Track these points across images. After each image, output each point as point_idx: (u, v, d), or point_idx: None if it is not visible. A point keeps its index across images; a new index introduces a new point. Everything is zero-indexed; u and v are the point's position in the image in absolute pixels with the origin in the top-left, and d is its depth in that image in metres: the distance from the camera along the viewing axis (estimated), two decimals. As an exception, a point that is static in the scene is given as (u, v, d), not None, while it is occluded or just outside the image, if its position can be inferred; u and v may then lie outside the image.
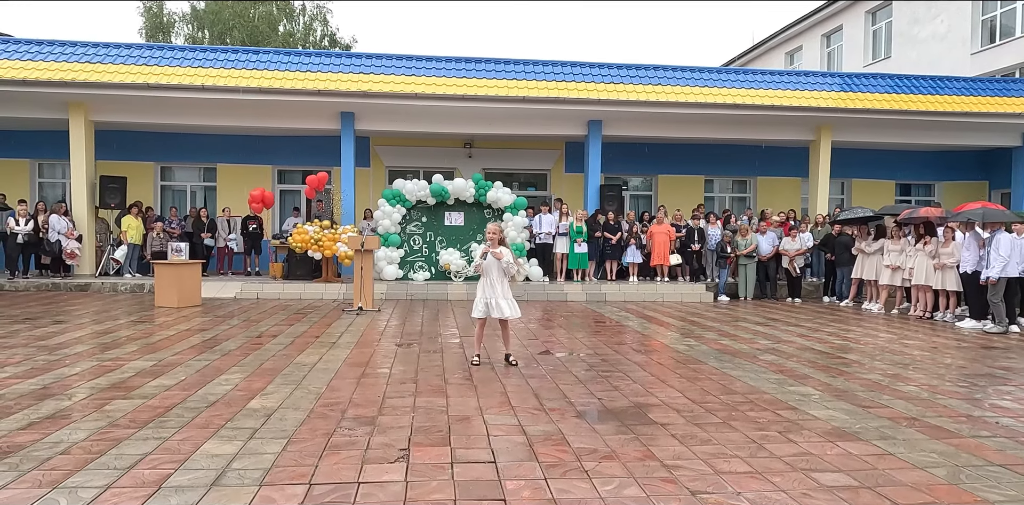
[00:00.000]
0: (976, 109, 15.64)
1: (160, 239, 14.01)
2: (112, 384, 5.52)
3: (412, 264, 14.26)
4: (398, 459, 3.83)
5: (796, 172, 17.55)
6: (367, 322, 9.56)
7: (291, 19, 33.55)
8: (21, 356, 6.62)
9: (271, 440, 4.13)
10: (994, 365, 7.05)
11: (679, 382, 5.95)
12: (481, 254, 6.52)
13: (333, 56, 16.03)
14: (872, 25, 23.92)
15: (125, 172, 15.35)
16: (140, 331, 8.35)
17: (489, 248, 6.51)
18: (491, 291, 6.53)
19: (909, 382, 6.11)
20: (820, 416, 4.88)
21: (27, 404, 4.87)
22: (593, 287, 13.56)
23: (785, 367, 6.73)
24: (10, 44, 14.78)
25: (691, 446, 4.15)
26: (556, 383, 5.83)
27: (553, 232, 14.15)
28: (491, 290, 6.53)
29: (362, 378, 5.91)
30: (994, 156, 17.90)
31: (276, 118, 14.98)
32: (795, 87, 16.08)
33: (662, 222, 14.26)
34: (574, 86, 15.11)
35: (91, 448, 3.94)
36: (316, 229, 13.46)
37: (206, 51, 15.35)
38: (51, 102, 14.12)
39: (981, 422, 4.81)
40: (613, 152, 16.37)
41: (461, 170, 16.92)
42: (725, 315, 11.18)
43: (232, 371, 6.11)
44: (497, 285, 6.53)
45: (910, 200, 18.66)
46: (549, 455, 3.93)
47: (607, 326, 9.60)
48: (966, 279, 10.11)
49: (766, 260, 13.78)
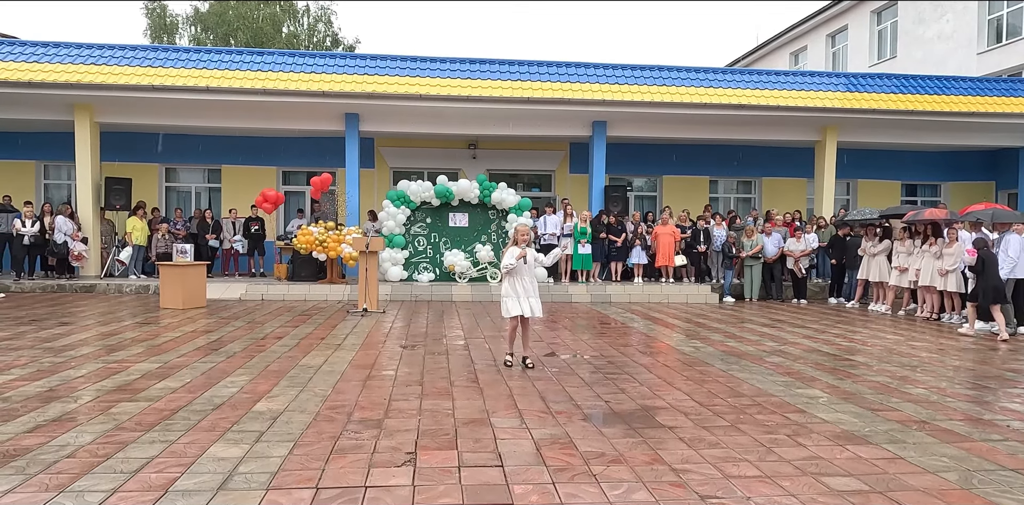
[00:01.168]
0: (982, 109, 15.56)
1: (165, 240, 14.02)
2: (118, 386, 5.51)
3: (416, 265, 14.25)
4: (405, 463, 3.81)
5: (801, 173, 17.49)
6: (372, 323, 9.55)
7: (295, 20, 33.57)
8: (27, 358, 6.62)
9: (277, 443, 4.12)
10: (1003, 367, 7.01)
11: (686, 384, 5.92)
12: (518, 256, 6.43)
13: (337, 57, 16.03)
14: (877, 25, 23.85)
15: (130, 173, 15.36)
16: (145, 333, 8.35)
17: (524, 249, 6.48)
18: (523, 290, 6.53)
19: (918, 384, 6.07)
20: (829, 419, 4.85)
21: (33, 407, 4.86)
22: (598, 288, 13.52)
23: (792, 369, 6.70)
24: (16, 46, 14.81)
25: (699, 450, 4.12)
26: (562, 385, 5.80)
27: (558, 233, 14.13)
28: (522, 289, 6.53)
29: (368, 380, 5.89)
30: (1001, 156, 17.82)
31: (281, 119, 14.99)
32: (800, 87, 16.02)
33: (667, 223, 14.22)
34: (578, 87, 15.08)
35: (97, 451, 3.93)
36: (321, 230, 13.46)
37: (211, 52, 15.37)
38: (56, 104, 14.14)
39: (991, 425, 4.78)
40: (618, 153, 16.34)
41: (465, 171, 16.90)
42: (730, 316, 11.15)
43: (238, 373, 6.10)
44: (528, 285, 6.55)
45: (916, 201, 18.58)
46: (557, 459, 3.91)
47: (612, 327, 9.57)
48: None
49: (771, 261, 13.73)
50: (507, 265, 6.47)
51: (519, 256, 6.43)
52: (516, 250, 6.48)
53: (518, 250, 6.48)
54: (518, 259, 6.43)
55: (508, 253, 6.52)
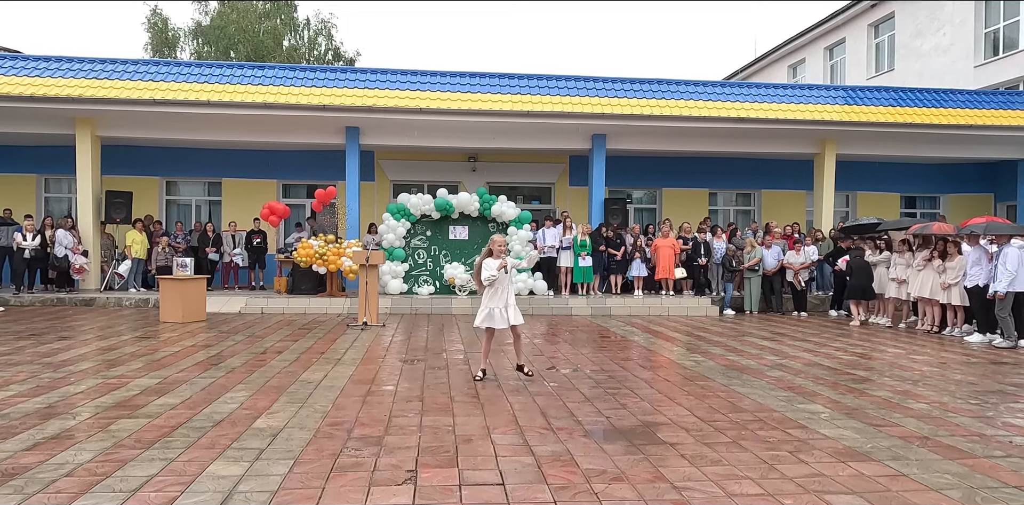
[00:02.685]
0: (980, 122, 15.63)
1: (165, 254, 14.03)
2: (117, 402, 5.50)
3: (417, 278, 14.25)
4: (405, 481, 3.79)
5: (801, 185, 17.53)
6: (372, 337, 9.53)
7: (295, 33, 33.72)
8: (26, 373, 6.60)
9: (277, 461, 4.10)
10: (1004, 381, 6.99)
11: (687, 399, 5.90)
12: (499, 267, 6.37)
13: (338, 71, 16.12)
14: (875, 38, 23.98)
15: (131, 187, 15.40)
16: (145, 347, 8.33)
17: (503, 260, 6.41)
18: (499, 300, 6.44)
19: (919, 399, 6.05)
20: (831, 435, 4.83)
21: (32, 424, 4.84)
22: (598, 301, 13.51)
23: (793, 384, 6.68)
24: (18, 60, 14.90)
25: (701, 467, 4.10)
26: (563, 401, 5.79)
27: (557, 246, 14.14)
28: (499, 299, 6.44)
29: (368, 396, 5.87)
30: (999, 169, 17.87)
31: (281, 133, 15.04)
32: (798, 100, 16.10)
33: (667, 235, 14.24)
34: (578, 100, 15.16)
35: (96, 470, 3.91)
36: (321, 243, 13.47)
37: (212, 66, 15.45)
38: (58, 118, 14.19)
39: (994, 441, 4.76)
40: (617, 165, 16.39)
41: (465, 184, 16.94)
42: (731, 329, 11.13)
43: (237, 389, 6.08)
44: (505, 294, 6.47)
45: (915, 213, 18.62)
46: (558, 476, 3.89)
47: (613, 341, 9.56)
48: (974, 293, 10.06)
49: (771, 274, 13.73)
50: (489, 277, 6.38)
51: (500, 267, 6.37)
52: (494, 261, 6.41)
53: (496, 261, 6.40)
54: (499, 270, 6.37)
55: (486, 265, 6.43)
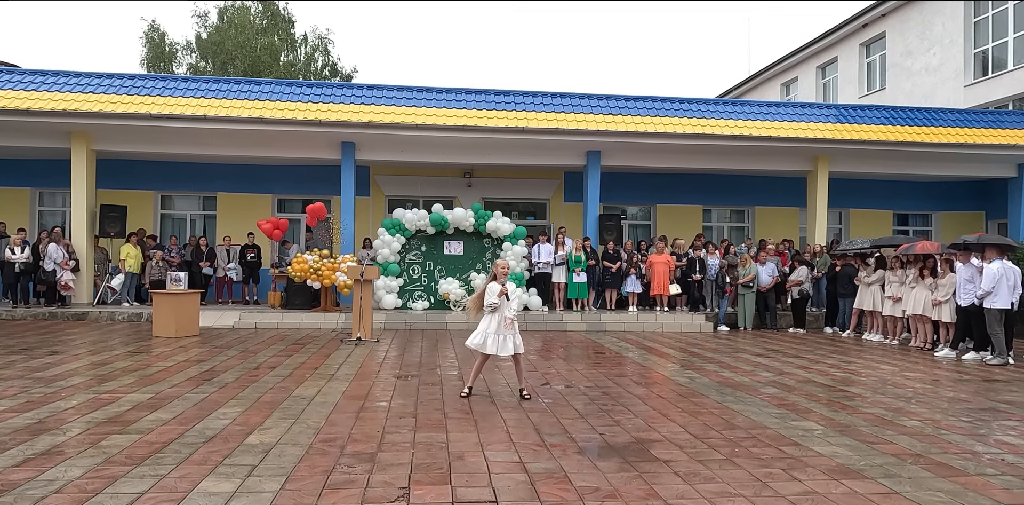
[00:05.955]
0: (971, 140, 15.79)
1: (159, 268, 13.99)
2: (108, 418, 5.46)
3: (411, 293, 14.23)
4: (398, 498, 3.77)
5: (794, 202, 17.64)
6: (366, 353, 9.50)
7: (292, 49, 33.92)
8: (17, 388, 6.56)
9: (269, 477, 4.08)
10: (996, 399, 7.00)
11: (681, 416, 5.90)
12: (499, 294, 6.33)
13: (334, 87, 16.21)
14: (866, 57, 24.25)
15: (125, 201, 15.38)
16: (137, 362, 8.28)
17: (504, 286, 6.37)
18: (501, 327, 6.37)
19: (912, 416, 6.06)
20: (824, 452, 4.83)
21: (22, 439, 4.81)
22: (592, 317, 13.52)
23: (787, 401, 6.68)
24: (15, 74, 14.94)
25: (695, 484, 4.10)
26: (557, 417, 5.77)
27: (552, 262, 14.15)
28: (499, 326, 6.37)
29: (361, 412, 5.85)
30: (990, 186, 18.01)
31: (277, 148, 15.08)
32: (791, 118, 16.25)
33: (662, 251, 14.28)
34: (573, 117, 15.27)
35: (86, 486, 3.88)
36: (315, 258, 13.46)
37: (208, 81, 15.52)
38: (53, 131, 14.21)
39: (987, 459, 4.76)
40: (612, 181, 16.47)
41: (461, 199, 16.98)
42: (725, 346, 11.14)
43: (230, 404, 6.05)
44: (509, 320, 6.42)
45: (908, 230, 18.72)
46: (551, 494, 3.88)
47: (607, 357, 9.55)
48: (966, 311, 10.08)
49: (765, 290, 13.77)
50: (491, 304, 6.36)
51: (500, 293, 6.35)
52: (497, 287, 6.38)
53: (499, 287, 6.38)
54: (500, 297, 6.35)
55: (489, 291, 6.40)
